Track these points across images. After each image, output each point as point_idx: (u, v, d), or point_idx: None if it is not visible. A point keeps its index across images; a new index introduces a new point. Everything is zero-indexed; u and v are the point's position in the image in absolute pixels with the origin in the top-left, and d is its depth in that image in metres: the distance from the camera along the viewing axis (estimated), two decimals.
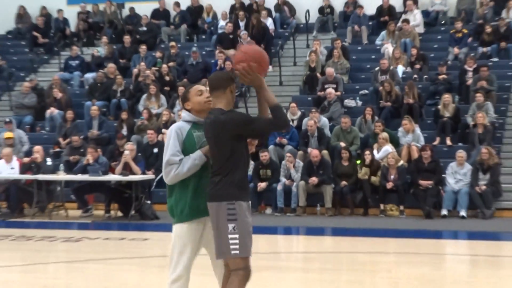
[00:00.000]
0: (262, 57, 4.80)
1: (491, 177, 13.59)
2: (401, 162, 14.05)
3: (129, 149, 13.86)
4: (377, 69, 17.26)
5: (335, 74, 17.12)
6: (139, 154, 14.29)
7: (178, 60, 19.13)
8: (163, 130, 14.94)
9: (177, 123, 4.96)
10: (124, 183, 13.58)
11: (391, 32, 18.86)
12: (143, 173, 13.68)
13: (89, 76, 19.47)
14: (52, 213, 14.26)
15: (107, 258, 9.80)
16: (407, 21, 18.82)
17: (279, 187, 14.13)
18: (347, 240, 11.80)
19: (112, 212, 14.12)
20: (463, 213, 13.32)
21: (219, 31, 20.44)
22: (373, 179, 13.96)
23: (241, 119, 4.69)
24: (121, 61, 19.77)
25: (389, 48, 18.28)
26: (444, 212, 13.44)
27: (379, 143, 14.45)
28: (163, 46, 20.71)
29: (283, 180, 14.27)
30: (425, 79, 17.18)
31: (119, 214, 13.98)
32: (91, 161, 13.99)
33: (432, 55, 18.45)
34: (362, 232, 12.23)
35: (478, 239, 11.74)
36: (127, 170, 13.58)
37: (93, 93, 18.26)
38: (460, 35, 18.35)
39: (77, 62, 20.17)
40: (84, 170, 13.92)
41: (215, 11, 21.56)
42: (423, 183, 13.56)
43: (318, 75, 17.60)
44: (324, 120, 15.67)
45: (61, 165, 14.36)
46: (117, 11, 22.42)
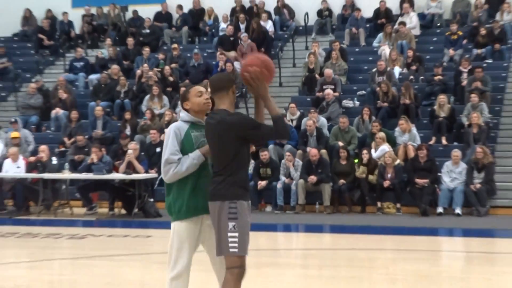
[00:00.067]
0: (273, 67, 4.82)
1: (485, 175, 13.59)
2: (398, 161, 14.05)
3: (132, 149, 13.88)
4: (374, 70, 17.26)
5: (333, 75, 17.12)
6: (142, 153, 14.32)
7: (180, 61, 19.12)
8: (166, 130, 14.94)
9: (176, 123, 4.94)
10: (128, 182, 13.58)
11: (388, 34, 18.85)
12: (146, 172, 13.69)
13: (93, 77, 19.47)
14: (57, 211, 14.28)
15: (111, 254, 9.80)
16: (403, 23, 18.81)
17: (279, 185, 14.13)
18: (345, 237, 11.80)
19: (116, 210, 14.14)
20: (458, 210, 13.32)
21: (220, 33, 20.43)
22: (371, 177, 13.97)
23: (248, 122, 4.65)
24: (124, 62, 19.76)
25: (386, 50, 18.28)
26: (440, 209, 13.44)
27: (376, 142, 14.44)
28: (165, 48, 20.71)
29: (282, 178, 14.27)
30: (421, 80, 17.17)
31: (123, 211, 13.99)
32: (95, 160, 14.00)
33: (428, 57, 18.45)
34: (360, 229, 12.23)
35: (473, 236, 11.72)
36: (130, 169, 13.60)
37: (97, 94, 18.27)
38: (455, 37, 18.35)
39: (81, 64, 20.17)
40: (89, 169, 13.93)
41: (216, 13, 21.55)
42: (419, 181, 13.56)
43: (317, 76, 17.59)
44: (323, 120, 15.66)
45: (66, 164, 14.36)
46: (121, 13, 22.40)
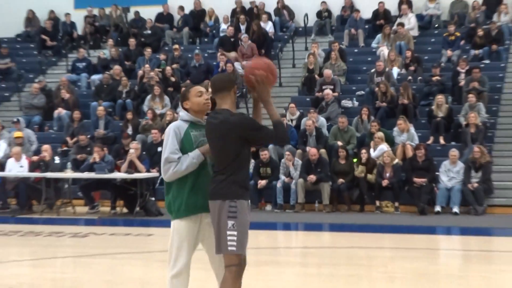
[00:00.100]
0: (276, 73, 4.85)
1: (483, 175, 13.59)
2: (396, 161, 14.05)
3: (134, 148, 13.88)
4: (373, 70, 17.26)
5: (332, 75, 17.12)
6: (144, 152, 14.30)
7: (181, 62, 19.11)
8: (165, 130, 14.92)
9: (175, 122, 4.94)
10: (129, 181, 13.59)
11: (387, 35, 18.84)
12: (148, 171, 13.69)
13: (95, 77, 19.46)
14: (60, 209, 14.27)
15: (113, 252, 9.80)
16: (402, 24, 18.80)
17: (279, 184, 14.12)
18: (344, 235, 11.79)
19: (117, 209, 14.13)
20: (456, 209, 13.32)
21: (221, 34, 20.42)
22: (369, 176, 13.96)
23: (251, 124, 4.65)
24: (126, 63, 19.75)
25: (384, 51, 18.27)
26: (438, 208, 13.44)
27: (375, 142, 14.44)
28: (167, 48, 20.70)
29: (282, 177, 14.27)
30: (419, 80, 17.17)
31: (125, 210, 13.99)
32: (97, 159, 14.00)
33: (426, 57, 18.44)
34: (359, 228, 12.24)
35: (471, 235, 11.73)
36: (132, 168, 13.60)
37: (99, 94, 18.26)
38: (453, 38, 18.35)
39: (84, 64, 20.17)
40: (91, 168, 13.94)
41: (217, 15, 21.54)
42: (417, 180, 13.56)
43: (316, 76, 17.59)
44: (322, 120, 15.66)
45: (69, 163, 14.37)
46: (123, 15, 22.40)
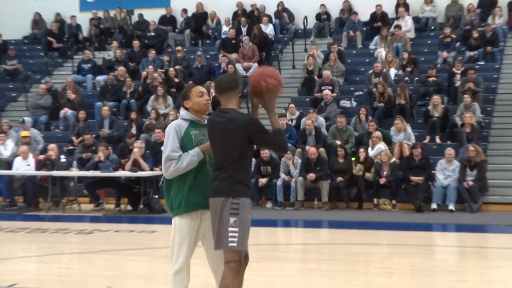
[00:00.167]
0: (282, 85, 4.89)
1: (478, 173, 13.58)
2: (393, 159, 14.04)
3: (138, 147, 13.87)
4: (370, 72, 17.25)
5: (331, 76, 17.12)
6: (147, 151, 14.29)
7: (184, 63, 19.11)
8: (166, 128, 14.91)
9: (176, 121, 4.94)
10: (133, 179, 13.59)
11: (384, 37, 18.83)
12: (151, 169, 13.69)
13: (100, 78, 19.46)
14: (65, 207, 14.27)
15: (117, 249, 9.79)
16: (399, 26, 18.79)
17: (279, 182, 14.12)
18: (342, 232, 11.78)
19: (122, 206, 14.15)
20: (451, 207, 13.32)
21: (223, 36, 20.42)
22: (367, 175, 13.95)
23: (260, 126, 4.65)
24: (130, 64, 19.75)
25: (382, 52, 18.26)
26: (434, 206, 13.44)
27: (372, 141, 14.44)
28: (170, 50, 20.69)
29: (282, 176, 14.27)
30: (415, 81, 17.16)
31: (129, 208, 13.99)
32: (102, 158, 13.99)
33: (422, 59, 18.42)
34: (357, 225, 12.23)
35: (466, 232, 11.73)
36: (136, 166, 13.60)
37: (104, 95, 18.26)
38: (449, 40, 18.33)
39: (89, 65, 20.17)
40: (96, 166, 13.93)
41: (219, 17, 21.54)
42: (414, 179, 13.55)
43: (316, 77, 17.58)
44: (321, 119, 15.66)
45: (74, 162, 14.37)
46: (127, 17, 22.39)
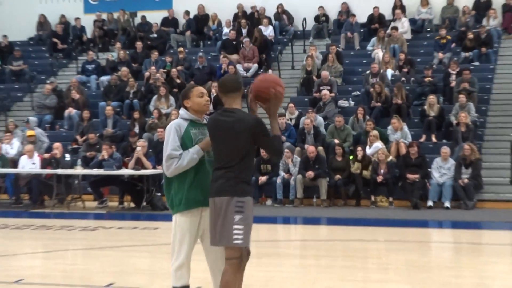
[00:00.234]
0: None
1: (473, 171, 13.57)
2: (390, 158, 14.04)
3: (141, 146, 13.87)
4: (368, 72, 17.25)
5: (329, 77, 17.10)
6: (150, 150, 14.29)
7: (186, 64, 19.10)
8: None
9: (176, 120, 4.93)
10: (136, 177, 13.58)
11: (381, 39, 18.82)
12: (154, 167, 13.67)
13: (104, 79, 19.46)
14: (70, 204, 14.28)
15: (121, 245, 9.80)
16: (395, 28, 18.78)
17: (279, 180, 14.12)
18: (340, 229, 11.79)
19: (125, 204, 14.15)
20: (447, 204, 13.32)
21: (223, 38, 20.41)
22: (365, 173, 13.95)
23: (265, 128, 4.67)
24: (133, 65, 19.73)
25: (379, 53, 18.24)
26: (430, 203, 13.44)
27: (370, 140, 14.43)
28: (172, 51, 20.68)
29: (282, 174, 14.26)
30: (412, 81, 17.15)
31: (132, 205, 13.99)
32: (106, 156, 13.99)
33: (418, 60, 18.41)
34: (355, 221, 12.23)
35: (461, 228, 11.72)
36: (139, 165, 13.60)
37: (108, 95, 18.26)
38: (444, 41, 18.32)
39: (93, 66, 20.15)
40: (100, 165, 13.93)
41: (220, 19, 21.51)
42: (410, 176, 13.55)
43: (314, 78, 17.57)
44: (320, 119, 15.65)
45: (79, 160, 14.38)
46: (130, 19, 22.37)
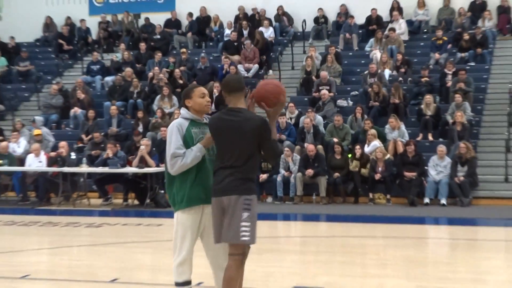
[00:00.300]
0: None
1: (468, 169, 13.57)
2: (388, 156, 14.03)
3: (144, 145, 13.88)
4: (366, 72, 17.24)
5: (328, 77, 17.09)
6: (154, 148, 14.30)
7: (188, 64, 19.10)
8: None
9: (177, 120, 4.92)
10: (140, 175, 13.59)
11: (379, 40, 18.81)
12: (157, 165, 13.67)
13: (108, 79, 19.45)
14: (76, 201, 14.30)
15: (125, 241, 9.80)
16: (393, 29, 18.76)
17: (279, 178, 14.12)
18: (339, 225, 11.79)
19: (129, 201, 14.16)
20: (443, 201, 13.31)
21: (225, 39, 20.39)
22: (363, 171, 13.94)
23: (270, 130, 4.67)
24: (137, 65, 19.72)
25: (377, 54, 18.22)
26: (427, 200, 13.44)
27: (368, 138, 14.42)
28: (175, 52, 20.68)
29: (282, 172, 14.26)
30: (409, 81, 17.14)
31: (136, 202, 14.01)
32: (110, 155, 13.99)
33: (415, 60, 18.40)
34: (353, 218, 12.24)
35: (457, 225, 11.72)
36: (143, 163, 13.60)
37: (112, 95, 18.26)
38: (441, 42, 18.30)
39: (98, 67, 20.15)
40: (105, 163, 13.94)
41: (222, 21, 21.50)
42: (407, 174, 13.55)
43: (314, 78, 17.56)
44: (319, 118, 15.64)
45: (84, 158, 14.37)
46: (134, 21, 22.35)
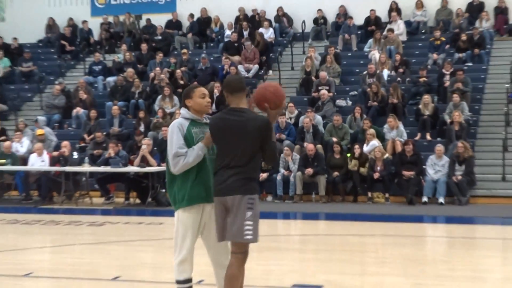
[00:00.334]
0: None
1: (466, 168, 13.56)
2: (386, 155, 14.02)
3: (146, 144, 13.87)
4: (365, 72, 17.22)
5: (328, 77, 17.08)
6: (155, 148, 14.30)
7: (189, 65, 19.09)
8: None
9: (177, 120, 4.91)
10: (142, 174, 13.59)
11: (378, 40, 18.80)
12: (159, 165, 13.67)
13: (110, 79, 19.45)
14: (78, 200, 14.30)
15: (127, 240, 9.80)
16: (391, 30, 18.75)
17: (279, 177, 14.11)
18: (339, 224, 11.78)
19: (131, 200, 14.15)
20: (441, 200, 13.30)
21: (225, 40, 20.38)
22: (362, 170, 13.93)
23: (271, 132, 4.70)
24: (138, 66, 19.72)
25: (375, 54, 18.21)
26: (425, 199, 13.43)
27: (367, 138, 14.42)
28: (176, 52, 20.67)
29: (282, 171, 14.25)
30: (407, 81, 17.12)
31: (137, 201, 14.00)
32: (112, 154, 13.99)
33: (413, 60, 18.39)
34: (352, 217, 12.23)
35: (455, 223, 11.72)
36: (144, 162, 13.60)
37: (114, 95, 18.26)
38: (439, 42, 18.29)
39: (100, 67, 20.15)
40: (107, 162, 13.93)
41: (222, 22, 21.50)
42: (406, 173, 13.54)
43: (313, 78, 17.55)
44: (318, 118, 15.63)
45: (86, 158, 14.36)
46: (135, 22, 22.35)
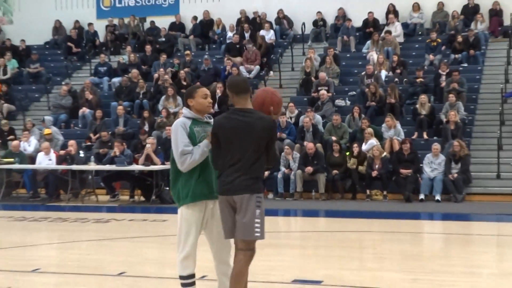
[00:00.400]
0: None
1: (462, 166, 13.55)
2: (384, 154, 14.02)
3: (150, 143, 13.87)
4: (363, 73, 17.21)
5: (327, 78, 17.07)
6: (159, 147, 14.29)
7: (192, 66, 19.09)
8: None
9: (180, 119, 4.88)
10: (146, 172, 13.59)
11: (375, 42, 18.78)
12: (163, 163, 13.66)
13: (115, 80, 19.44)
14: (84, 198, 14.30)
15: (132, 236, 9.80)
16: (389, 32, 18.74)
17: (279, 175, 14.11)
18: (338, 221, 11.78)
19: (136, 197, 14.15)
20: (438, 197, 13.30)
21: (227, 41, 20.38)
22: (360, 168, 13.93)
23: (276, 133, 4.75)
24: (143, 67, 19.72)
25: (373, 55, 18.20)
26: (422, 196, 13.43)
27: (365, 137, 14.42)
28: (179, 54, 20.66)
29: (282, 169, 14.25)
30: (404, 82, 17.12)
31: (142, 199, 14.00)
32: (117, 153, 13.99)
33: (410, 61, 18.38)
34: (351, 214, 12.23)
35: (451, 220, 11.71)
36: (148, 161, 13.60)
37: (119, 95, 18.27)
38: (435, 44, 18.27)
39: (105, 68, 20.15)
40: (112, 161, 13.94)
41: (224, 24, 21.49)
42: (403, 171, 13.53)
43: (313, 79, 17.55)
44: (318, 117, 15.63)
45: (92, 157, 14.37)
46: (140, 24, 22.36)
